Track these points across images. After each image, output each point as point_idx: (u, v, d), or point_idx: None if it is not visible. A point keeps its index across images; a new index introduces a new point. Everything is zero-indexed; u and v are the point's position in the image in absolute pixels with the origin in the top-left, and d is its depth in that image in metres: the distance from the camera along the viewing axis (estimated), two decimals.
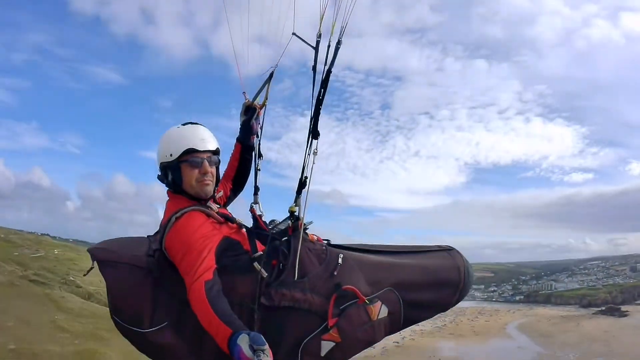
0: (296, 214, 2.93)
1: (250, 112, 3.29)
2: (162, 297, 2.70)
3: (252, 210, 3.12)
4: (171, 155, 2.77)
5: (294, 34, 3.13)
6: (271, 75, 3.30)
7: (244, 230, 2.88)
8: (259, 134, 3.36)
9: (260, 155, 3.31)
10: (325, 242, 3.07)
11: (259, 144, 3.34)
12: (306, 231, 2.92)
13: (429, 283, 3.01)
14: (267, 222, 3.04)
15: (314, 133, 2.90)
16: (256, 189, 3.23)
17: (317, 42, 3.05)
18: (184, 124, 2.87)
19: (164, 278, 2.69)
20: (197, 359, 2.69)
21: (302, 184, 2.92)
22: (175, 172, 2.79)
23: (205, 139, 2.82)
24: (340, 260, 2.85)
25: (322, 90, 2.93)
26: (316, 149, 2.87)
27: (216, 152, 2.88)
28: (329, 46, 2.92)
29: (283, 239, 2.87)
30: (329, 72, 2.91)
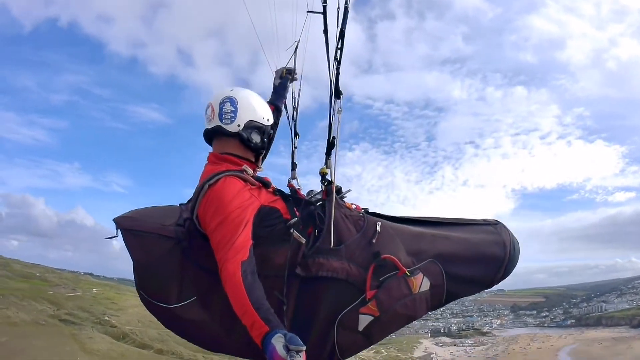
0: (328, 177, 2.80)
1: (285, 77, 3.57)
2: (191, 270, 2.58)
3: (290, 185, 3.06)
4: (268, 120, 2.85)
5: (308, 11, 3.34)
6: (296, 47, 3.65)
7: (281, 196, 2.78)
8: (295, 114, 3.50)
9: (296, 134, 3.44)
10: (363, 210, 2.90)
11: (295, 124, 3.48)
12: (343, 199, 2.85)
13: (472, 257, 2.82)
14: (306, 194, 2.95)
15: (336, 93, 2.81)
16: (294, 165, 3.27)
17: (324, 7, 3.05)
18: None
19: (194, 249, 2.57)
20: (227, 338, 2.59)
21: (331, 144, 2.80)
22: (265, 136, 2.82)
23: None
24: (378, 228, 2.70)
25: (340, 50, 2.84)
26: (340, 107, 2.78)
27: None
28: (338, 8, 2.92)
29: (318, 204, 2.78)
30: (342, 31, 2.83)
